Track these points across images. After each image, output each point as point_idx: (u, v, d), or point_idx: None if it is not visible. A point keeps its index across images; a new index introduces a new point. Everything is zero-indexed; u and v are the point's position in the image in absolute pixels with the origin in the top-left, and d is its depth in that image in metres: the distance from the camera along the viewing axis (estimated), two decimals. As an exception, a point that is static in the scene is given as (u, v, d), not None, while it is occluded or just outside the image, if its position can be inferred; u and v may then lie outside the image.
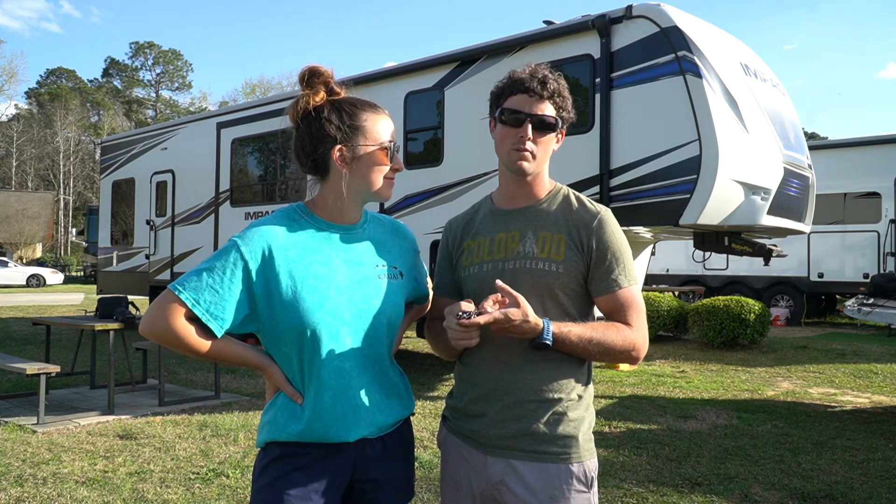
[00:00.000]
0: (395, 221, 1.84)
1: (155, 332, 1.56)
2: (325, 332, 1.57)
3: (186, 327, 1.54)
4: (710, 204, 5.89)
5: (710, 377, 8.15)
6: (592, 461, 1.68)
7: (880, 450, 5.05)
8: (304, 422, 1.58)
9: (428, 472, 4.40)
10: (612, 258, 1.67)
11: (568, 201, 1.74)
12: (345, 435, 1.60)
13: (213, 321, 1.55)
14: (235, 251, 1.57)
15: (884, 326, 13.07)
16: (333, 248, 1.64)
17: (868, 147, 13.68)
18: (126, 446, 4.96)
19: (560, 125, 1.70)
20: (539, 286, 1.66)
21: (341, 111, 1.63)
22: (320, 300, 1.57)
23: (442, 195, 7.64)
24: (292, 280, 1.57)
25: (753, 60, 7.04)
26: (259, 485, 1.61)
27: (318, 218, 1.67)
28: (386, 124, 1.66)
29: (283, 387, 1.62)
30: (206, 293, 1.54)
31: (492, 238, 1.75)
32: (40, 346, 9.17)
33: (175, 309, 1.54)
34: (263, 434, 1.65)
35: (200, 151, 10.75)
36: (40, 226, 45.35)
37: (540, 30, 7.16)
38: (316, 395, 1.59)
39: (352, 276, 1.63)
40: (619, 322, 1.67)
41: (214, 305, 1.55)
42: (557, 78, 1.70)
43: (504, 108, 1.69)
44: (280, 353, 1.62)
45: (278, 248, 1.58)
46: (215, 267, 1.56)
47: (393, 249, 1.75)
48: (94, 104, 64.58)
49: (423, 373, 8.10)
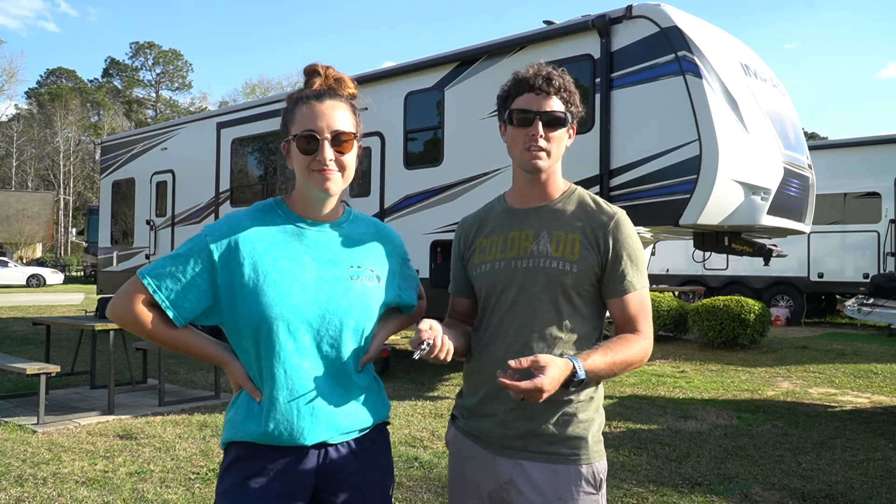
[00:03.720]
0: (381, 224, 1.78)
1: (117, 315, 1.56)
2: (284, 328, 1.52)
3: (146, 313, 1.53)
4: (710, 204, 5.89)
5: (710, 377, 8.15)
6: (601, 463, 1.68)
7: (880, 450, 5.05)
8: (261, 421, 1.54)
9: (428, 472, 4.40)
10: (627, 260, 1.66)
11: (583, 202, 1.73)
12: (300, 438, 1.54)
13: (172, 309, 1.53)
14: (202, 241, 1.56)
15: (884, 326, 13.07)
16: (304, 245, 1.60)
17: (868, 147, 13.68)
18: (126, 446, 4.96)
19: (570, 120, 1.70)
20: (553, 285, 1.65)
21: (287, 106, 1.62)
22: (281, 295, 1.52)
23: (442, 195, 7.63)
24: (255, 273, 1.53)
25: (753, 60, 7.04)
26: (220, 489, 1.57)
27: (290, 212, 1.63)
28: (313, 113, 1.55)
29: (244, 383, 1.58)
30: (168, 280, 1.53)
31: (505, 236, 1.74)
32: (40, 346, 9.17)
33: (137, 294, 1.53)
34: (225, 433, 1.62)
35: (200, 151, 10.76)
36: (40, 226, 45.34)
37: (540, 30, 7.16)
38: (271, 394, 1.54)
39: (320, 274, 1.58)
40: (629, 326, 1.67)
41: (175, 293, 1.53)
42: (562, 74, 1.70)
43: (512, 109, 1.68)
44: (240, 348, 1.59)
45: (245, 240, 1.56)
46: (180, 255, 1.55)
47: (373, 252, 1.68)
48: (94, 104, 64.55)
49: (422, 373, 8.09)
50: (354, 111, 1.64)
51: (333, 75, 1.65)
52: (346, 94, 1.64)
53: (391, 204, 8.11)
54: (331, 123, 1.55)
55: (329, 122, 1.55)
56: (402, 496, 4.00)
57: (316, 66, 1.66)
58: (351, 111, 1.62)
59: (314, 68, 1.65)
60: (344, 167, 1.58)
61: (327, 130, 1.55)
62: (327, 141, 1.55)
